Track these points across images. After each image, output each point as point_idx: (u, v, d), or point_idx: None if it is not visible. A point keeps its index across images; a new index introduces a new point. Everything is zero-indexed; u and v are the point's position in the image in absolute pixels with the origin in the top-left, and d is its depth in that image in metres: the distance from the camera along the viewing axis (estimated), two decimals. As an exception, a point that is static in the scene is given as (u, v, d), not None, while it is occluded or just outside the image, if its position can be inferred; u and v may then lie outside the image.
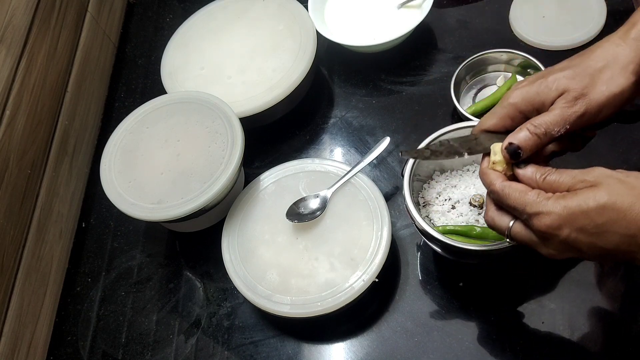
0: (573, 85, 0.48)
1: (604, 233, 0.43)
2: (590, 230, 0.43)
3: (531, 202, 0.46)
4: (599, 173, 0.45)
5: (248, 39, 0.86)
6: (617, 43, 0.49)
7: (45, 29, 0.80)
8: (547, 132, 0.48)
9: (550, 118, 0.48)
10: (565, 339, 0.63)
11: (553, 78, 0.49)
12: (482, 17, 0.90)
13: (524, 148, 0.49)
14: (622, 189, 0.43)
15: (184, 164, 0.72)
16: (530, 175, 0.48)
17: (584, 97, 0.48)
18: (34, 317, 0.73)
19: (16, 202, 0.71)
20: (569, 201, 0.44)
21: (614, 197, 0.42)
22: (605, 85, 0.48)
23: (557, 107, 0.49)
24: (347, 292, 0.64)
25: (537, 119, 0.49)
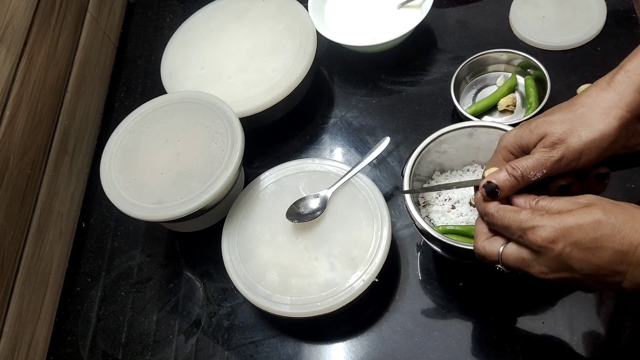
0: (552, 130, 0.49)
1: (597, 248, 0.44)
2: (585, 244, 0.44)
3: (527, 219, 0.47)
4: (591, 197, 0.46)
5: (248, 39, 0.86)
6: (602, 87, 0.49)
7: (45, 29, 0.80)
8: (524, 175, 0.50)
9: (528, 162, 0.50)
10: (565, 339, 0.63)
11: (536, 123, 0.50)
12: (482, 17, 0.90)
13: (502, 188, 0.50)
14: (615, 208, 0.44)
15: (184, 164, 0.72)
16: (523, 200, 0.50)
17: (562, 142, 0.49)
18: (34, 317, 0.73)
19: (16, 202, 0.71)
20: (565, 216, 0.45)
21: (608, 214, 0.44)
22: (584, 131, 0.48)
23: (536, 152, 0.50)
24: (347, 292, 0.64)
25: (516, 162, 0.50)
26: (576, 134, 0.48)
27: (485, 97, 0.80)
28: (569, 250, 0.44)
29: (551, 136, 0.49)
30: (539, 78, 0.77)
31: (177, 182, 0.71)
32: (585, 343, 0.63)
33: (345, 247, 0.67)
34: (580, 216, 0.44)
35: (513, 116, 0.78)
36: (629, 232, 0.43)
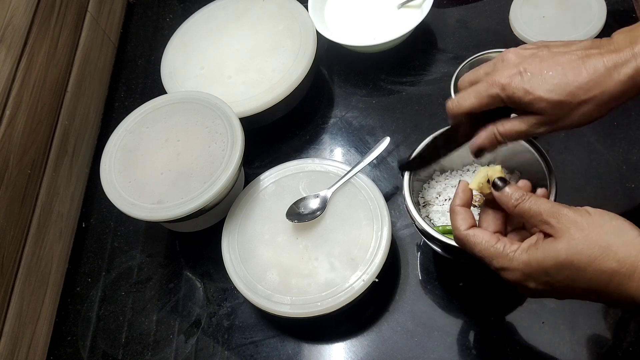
0: (550, 112, 0.49)
1: (566, 287, 0.44)
2: (553, 284, 0.45)
3: (499, 257, 0.47)
4: (563, 217, 0.44)
5: (248, 39, 0.86)
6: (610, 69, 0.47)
7: (45, 29, 0.80)
8: (509, 140, 0.53)
9: (516, 132, 0.52)
10: (565, 339, 0.63)
11: (539, 96, 0.49)
12: (482, 17, 0.90)
13: (487, 148, 0.54)
14: (580, 243, 0.43)
15: (184, 164, 0.72)
16: (506, 199, 0.48)
17: (553, 124, 0.50)
18: (34, 317, 0.73)
19: (16, 202, 0.71)
20: (531, 257, 0.45)
21: (572, 255, 0.43)
22: (578, 117, 0.49)
23: (526, 123, 0.51)
24: (347, 292, 0.64)
25: (505, 127, 0.52)
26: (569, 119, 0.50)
27: (485, 97, 0.80)
28: (542, 287, 0.45)
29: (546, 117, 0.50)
30: (539, 78, 0.77)
31: (177, 182, 0.71)
32: (586, 343, 0.63)
33: (345, 247, 0.67)
34: (544, 258, 0.44)
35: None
36: (592, 275, 0.42)
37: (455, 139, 0.58)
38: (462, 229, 0.49)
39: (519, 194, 0.47)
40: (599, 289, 0.43)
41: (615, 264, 0.41)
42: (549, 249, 0.44)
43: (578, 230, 0.43)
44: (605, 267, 0.42)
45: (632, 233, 0.42)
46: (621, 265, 0.41)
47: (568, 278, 0.43)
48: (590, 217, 0.44)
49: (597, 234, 0.43)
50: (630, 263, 0.41)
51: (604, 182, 0.72)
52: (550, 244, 0.44)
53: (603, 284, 0.42)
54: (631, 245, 0.41)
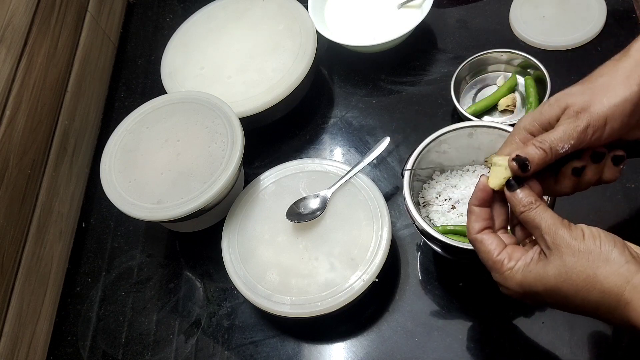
0: (574, 100, 0.48)
1: (560, 307, 0.46)
2: (548, 304, 0.46)
3: (495, 271, 0.48)
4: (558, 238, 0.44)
5: (248, 39, 0.86)
6: (617, 58, 0.49)
7: (45, 29, 0.80)
8: (552, 148, 0.48)
9: (555, 134, 0.48)
10: (565, 339, 0.63)
11: (555, 97, 0.49)
12: (482, 17, 0.90)
13: (532, 160, 0.48)
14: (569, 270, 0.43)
15: (184, 164, 0.72)
16: (516, 202, 0.48)
17: (585, 111, 0.48)
18: (34, 317, 0.73)
19: (16, 202, 0.71)
20: (524, 279, 0.46)
21: (560, 283, 0.43)
22: (606, 97, 0.48)
23: (561, 124, 0.49)
24: (347, 292, 0.64)
25: (542, 136, 0.49)
26: (598, 101, 0.48)
27: (485, 97, 0.80)
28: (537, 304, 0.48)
29: (574, 106, 0.48)
30: (539, 78, 0.77)
31: (177, 182, 0.71)
32: (585, 343, 0.63)
33: (345, 247, 0.67)
34: (535, 282, 0.45)
35: (513, 116, 0.78)
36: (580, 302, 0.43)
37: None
38: (473, 232, 0.50)
39: (528, 200, 0.47)
40: (587, 313, 0.44)
41: (599, 296, 0.42)
42: (540, 273, 0.45)
43: (570, 255, 0.43)
44: (590, 298, 0.42)
45: (620, 260, 0.42)
46: (605, 296, 0.42)
47: (559, 302, 0.45)
48: (583, 242, 0.44)
49: (586, 261, 0.43)
50: (614, 294, 0.41)
51: (604, 182, 0.71)
52: (542, 267, 0.45)
53: (592, 311, 0.43)
54: (617, 275, 0.42)
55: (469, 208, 0.51)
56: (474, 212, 0.50)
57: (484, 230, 0.49)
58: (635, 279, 0.41)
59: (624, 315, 0.41)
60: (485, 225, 0.50)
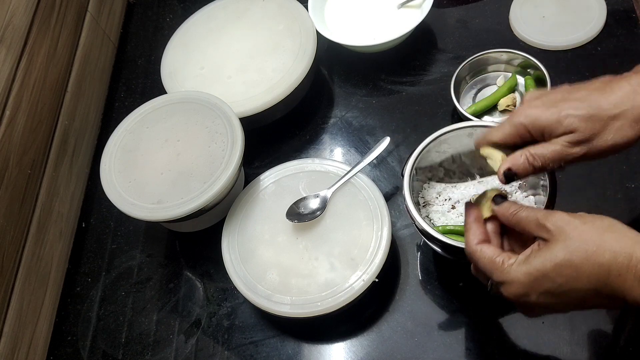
0: (582, 128, 0.48)
1: (567, 291, 0.45)
2: (554, 291, 0.45)
3: (497, 270, 0.48)
4: (558, 219, 0.45)
5: (248, 39, 0.86)
6: (636, 90, 0.48)
7: (45, 29, 0.80)
8: (542, 166, 0.50)
9: (550, 154, 0.50)
10: (565, 339, 0.63)
11: (566, 114, 0.49)
12: (482, 17, 0.90)
13: (519, 175, 0.51)
14: (576, 241, 0.44)
15: (184, 164, 0.72)
16: (504, 211, 0.50)
17: (588, 142, 0.49)
18: (34, 317, 0.73)
19: (16, 202, 0.71)
20: (530, 266, 0.46)
21: (569, 254, 0.44)
22: (612, 135, 0.48)
23: (558, 144, 0.49)
24: (347, 292, 0.64)
25: (537, 150, 0.50)
26: (604, 137, 0.48)
27: (485, 97, 0.80)
28: (543, 298, 0.46)
29: (579, 134, 0.48)
30: (539, 78, 0.77)
31: (177, 182, 0.71)
32: (585, 343, 0.63)
33: (345, 247, 0.67)
34: (543, 263, 0.45)
35: (513, 116, 0.78)
36: (590, 270, 0.43)
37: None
38: (473, 243, 0.51)
39: (516, 206, 0.50)
40: (599, 285, 0.43)
41: (611, 256, 0.42)
42: (546, 254, 0.45)
43: (573, 229, 0.44)
44: (602, 260, 0.42)
45: (624, 228, 0.44)
46: (617, 256, 0.42)
47: (569, 277, 0.44)
48: (583, 217, 0.45)
49: (590, 230, 0.44)
50: (625, 253, 0.42)
51: (604, 182, 0.71)
52: (547, 249, 0.45)
53: (603, 278, 0.43)
54: (625, 237, 0.43)
55: (467, 226, 0.52)
56: (471, 228, 0.52)
57: (482, 242, 0.51)
58: None
59: (637, 275, 0.41)
60: (484, 238, 0.51)
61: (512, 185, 0.67)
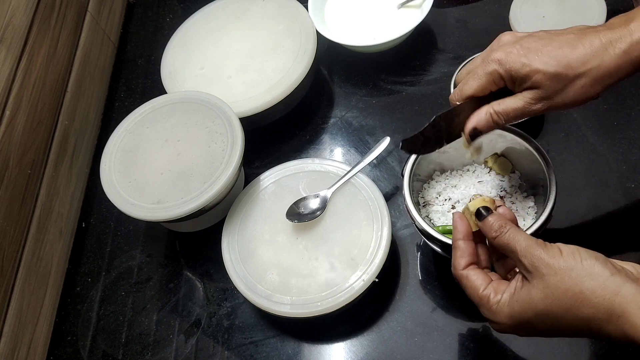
0: (547, 85, 0.50)
1: (555, 333, 0.44)
2: (539, 331, 0.45)
3: (483, 307, 0.47)
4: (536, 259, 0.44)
5: (248, 39, 0.86)
6: (605, 48, 0.48)
7: (45, 29, 0.80)
8: (505, 122, 0.53)
9: (513, 112, 0.52)
10: (565, 339, 0.63)
11: (535, 69, 0.50)
12: (482, 17, 0.90)
13: (483, 131, 0.55)
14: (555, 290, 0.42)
15: (184, 164, 0.72)
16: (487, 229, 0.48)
17: (550, 99, 0.50)
18: (34, 317, 0.73)
19: (16, 202, 0.71)
20: (513, 311, 0.45)
21: (548, 305, 0.42)
22: (573, 93, 0.49)
23: (522, 100, 0.51)
24: (347, 292, 0.64)
25: (500, 107, 0.53)
26: (565, 93, 0.50)
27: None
28: (531, 334, 0.46)
29: (543, 91, 0.50)
30: (539, 78, 0.77)
31: (177, 182, 0.71)
32: (585, 343, 0.63)
33: (345, 247, 0.67)
34: (524, 310, 0.44)
35: (513, 116, 0.78)
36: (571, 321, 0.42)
37: (458, 124, 0.57)
38: (459, 267, 0.50)
39: (498, 224, 0.48)
40: (583, 331, 0.42)
41: (590, 311, 0.41)
42: (526, 300, 0.44)
43: (551, 275, 0.43)
44: (582, 314, 0.41)
45: (604, 274, 0.41)
46: (597, 311, 0.41)
47: (551, 326, 0.44)
48: (562, 259, 0.43)
49: (569, 279, 0.42)
50: (605, 307, 0.40)
51: (604, 182, 0.71)
52: (527, 293, 0.44)
53: (585, 328, 0.42)
54: (603, 288, 0.41)
55: (454, 244, 0.51)
56: (459, 247, 0.50)
57: (469, 266, 0.49)
58: (623, 289, 0.40)
59: (618, 329, 0.40)
60: (471, 260, 0.50)
61: (512, 186, 0.67)
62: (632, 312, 0.39)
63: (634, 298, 0.39)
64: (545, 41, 0.51)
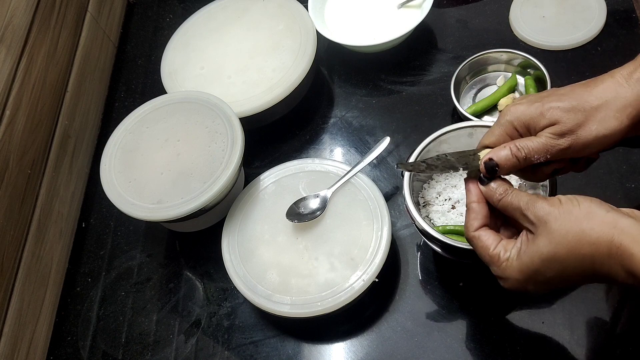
0: (564, 119, 0.49)
1: (559, 280, 0.46)
2: (547, 281, 0.46)
3: (493, 265, 0.49)
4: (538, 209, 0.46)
5: (248, 38, 0.86)
6: (620, 82, 0.48)
7: (45, 29, 0.80)
8: (527, 157, 0.50)
9: (534, 145, 0.50)
10: (565, 339, 0.63)
11: (549, 107, 0.49)
12: (482, 17, 0.90)
13: (502, 167, 0.50)
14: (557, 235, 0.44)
15: (184, 163, 0.72)
16: (491, 193, 0.50)
17: (572, 133, 0.49)
18: (34, 317, 0.73)
19: (16, 202, 0.71)
20: (522, 264, 0.46)
21: (553, 248, 0.44)
22: (596, 126, 0.48)
23: (543, 136, 0.50)
24: (347, 292, 0.64)
25: (522, 142, 0.50)
26: (588, 127, 0.48)
27: (485, 97, 0.80)
28: (541, 286, 0.47)
29: (562, 125, 0.49)
30: (539, 78, 0.77)
31: (177, 182, 0.71)
32: (585, 343, 0.63)
33: (345, 247, 0.67)
34: (532, 260, 0.46)
35: (513, 116, 0.78)
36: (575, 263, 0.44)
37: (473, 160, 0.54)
38: (472, 229, 0.51)
39: (502, 189, 0.50)
40: (586, 273, 0.44)
41: (591, 247, 0.43)
42: (533, 250, 0.46)
43: (553, 220, 0.45)
44: (584, 252, 0.43)
45: (600, 212, 0.44)
46: (597, 247, 0.42)
47: (558, 271, 0.45)
48: (561, 205, 0.45)
49: (569, 221, 0.44)
50: (604, 241, 0.42)
51: (604, 182, 0.71)
52: (532, 244, 0.46)
53: (589, 267, 0.43)
54: (602, 223, 0.43)
55: (468, 206, 0.52)
56: (473, 209, 0.51)
57: (481, 228, 0.51)
58: (620, 222, 0.42)
59: (617, 262, 0.42)
60: (484, 222, 0.51)
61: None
62: (629, 242, 0.41)
63: (630, 230, 0.42)
64: (556, 89, 0.51)
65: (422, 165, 0.56)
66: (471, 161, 0.54)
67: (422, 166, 0.56)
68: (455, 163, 0.55)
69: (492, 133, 0.53)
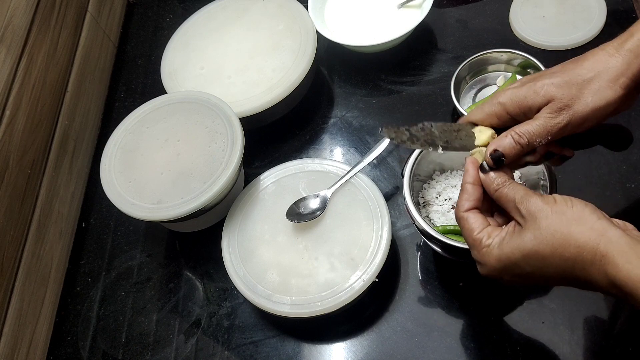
0: (559, 94, 0.48)
1: (536, 276, 0.46)
2: (524, 275, 0.46)
3: (474, 249, 0.49)
4: (531, 204, 0.46)
5: (248, 38, 0.86)
6: (610, 53, 0.49)
7: (45, 29, 0.80)
8: (529, 142, 0.50)
9: (534, 128, 0.49)
10: (565, 339, 0.63)
11: (541, 84, 0.49)
12: (482, 17, 0.90)
13: (507, 155, 0.50)
14: (544, 232, 0.44)
15: (184, 163, 0.72)
16: (489, 182, 0.50)
17: (569, 108, 0.48)
18: (34, 317, 0.73)
19: (16, 202, 0.71)
20: (502, 253, 0.46)
21: (537, 245, 0.44)
22: (591, 97, 0.48)
23: (541, 117, 0.49)
24: (347, 292, 0.64)
25: (522, 127, 0.50)
26: (583, 100, 0.48)
27: (485, 97, 0.80)
28: (516, 279, 0.47)
29: (558, 102, 0.48)
30: (539, 78, 0.77)
31: (177, 182, 0.71)
32: (585, 343, 0.63)
33: (345, 247, 0.67)
34: (512, 252, 0.45)
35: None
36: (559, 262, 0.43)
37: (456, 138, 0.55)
38: (461, 209, 0.50)
39: (501, 180, 0.49)
40: (567, 275, 0.44)
41: (576, 251, 0.43)
42: (516, 242, 0.46)
43: (543, 218, 0.45)
44: (568, 254, 0.43)
45: (592, 218, 0.43)
46: (582, 250, 0.42)
47: (537, 268, 0.45)
48: (555, 205, 0.45)
49: (559, 221, 0.44)
50: (590, 247, 0.42)
51: (604, 182, 0.72)
52: (517, 236, 0.46)
53: (570, 271, 0.43)
54: (591, 230, 0.43)
55: (463, 186, 0.52)
56: (466, 190, 0.51)
57: (471, 210, 0.50)
58: (609, 232, 0.42)
59: (601, 270, 0.41)
60: (475, 205, 0.51)
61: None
62: (615, 253, 0.41)
63: (618, 240, 0.41)
64: (549, 69, 0.51)
65: (405, 134, 0.55)
66: (453, 139, 0.53)
67: (405, 135, 0.55)
68: (437, 139, 0.54)
69: (481, 110, 0.53)
